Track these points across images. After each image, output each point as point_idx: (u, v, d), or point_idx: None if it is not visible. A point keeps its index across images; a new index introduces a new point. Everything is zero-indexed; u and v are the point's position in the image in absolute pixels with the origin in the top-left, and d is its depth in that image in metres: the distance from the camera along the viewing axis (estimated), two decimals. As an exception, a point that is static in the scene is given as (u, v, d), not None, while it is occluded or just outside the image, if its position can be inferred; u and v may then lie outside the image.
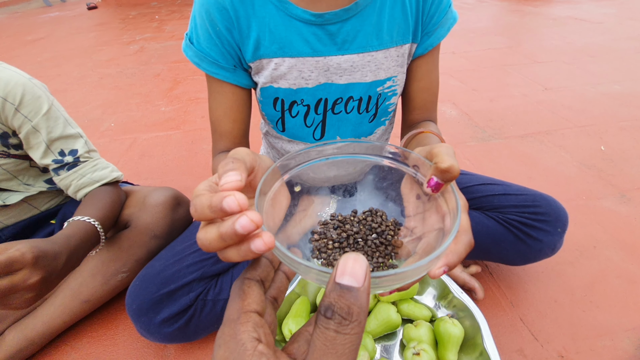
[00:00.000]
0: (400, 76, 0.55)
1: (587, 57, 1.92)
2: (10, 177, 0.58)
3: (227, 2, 0.46)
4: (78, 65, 2.26)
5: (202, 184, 0.20)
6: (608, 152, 1.11)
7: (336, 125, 0.57)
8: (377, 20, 0.49)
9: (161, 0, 4.86)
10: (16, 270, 0.40)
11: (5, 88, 0.52)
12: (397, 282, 0.21)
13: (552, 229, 0.60)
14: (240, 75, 0.52)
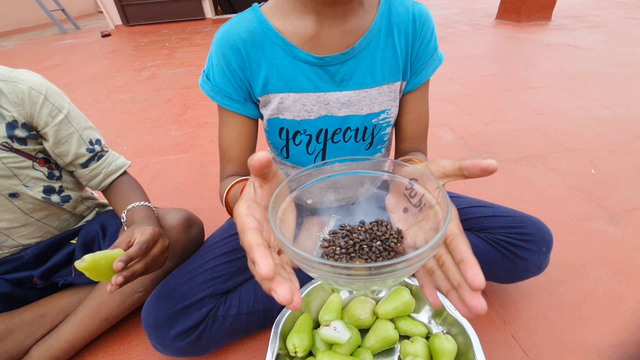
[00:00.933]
0: (393, 109, 0.62)
1: (580, 82, 2.00)
2: (11, 174, 0.60)
3: (240, 45, 0.54)
4: (93, 91, 2.38)
5: (243, 205, 0.30)
6: (598, 175, 1.16)
7: (335, 153, 0.64)
8: (370, 62, 0.56)
9: (171, 28, 5.10)
10: (157, 241, 0.55)
11: (31, 81, 0.59)
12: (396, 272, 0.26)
13: (537, 249, 0.64)
14: (249, 107, 0.60)
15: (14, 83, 0.57)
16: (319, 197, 0.43)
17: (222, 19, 5.36)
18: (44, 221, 0.67)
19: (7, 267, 0.66)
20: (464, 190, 1.12)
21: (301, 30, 0.54)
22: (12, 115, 0.57)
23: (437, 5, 5.69)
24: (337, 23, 0.53)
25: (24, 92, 0.57)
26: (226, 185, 0.57)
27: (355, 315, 0.67)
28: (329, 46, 0.54)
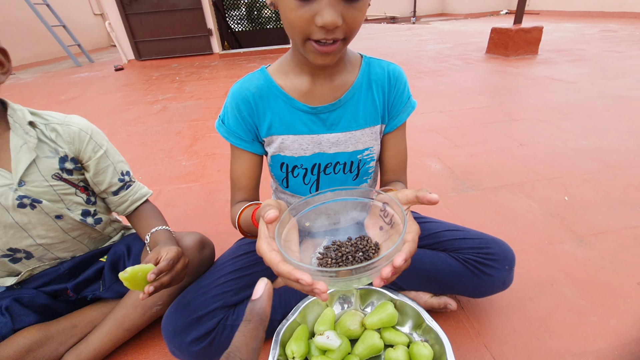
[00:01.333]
0: (375, 147, 0.75)
1: (560, 114, 2.16)
2: (58, 199, 0.73)
3: (250, 98, 0.68)
4: (108, 123, 2.56)
5: (264, 243, 0.44)
6: (571, 201, 1.28)
7: (327, 183, 0.77)
8: (354, 110, 0.71)
9: (181, 62, 5.42)
10: (180, 258, 0.67)
11: (80, 124, 0.75)
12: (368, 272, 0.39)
13: (501, 267, 0.75)
14: (256, 146, 0.73)
15: (68, 125, 0.72)
16: (314, 220, 0.56)
17: (229, 53, 5.70)
18: (78, 239, 0.80)
19: (45, 279, 0.78)
20: (447, 216, 1.24)
21: (299, 86, 0.68)
22: (65, 151, 0.72)
23: (431, 40, 6.03)
24: (327, 81, 0.68)
25: (75, 133, 0.73)
26: (237, 210, 0.69)
27: (346, 326, 0.77)
28: (320, 98, 0.69)
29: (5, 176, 0.65)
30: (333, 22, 0.49)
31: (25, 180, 0.67)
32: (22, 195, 0.67)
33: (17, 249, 0.72)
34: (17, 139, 0.66)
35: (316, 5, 0.50)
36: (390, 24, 10.83)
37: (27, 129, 0.67)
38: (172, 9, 5.15)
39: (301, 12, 0.51)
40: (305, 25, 0.52)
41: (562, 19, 8.35)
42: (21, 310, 0.73)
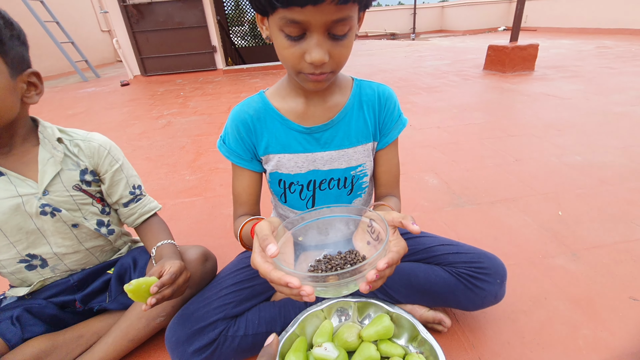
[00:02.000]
0: (368, 163, 0.80)
1: (555, 130, 2.21)
2: (77, 208, 0.78)
3: (249, 120, 0.74)
4: (114, 138, 2.59)
5: (258, 257, 0.48)
6: (564, 216, 1.31)
7: (323, 198, 0.81)
8: (346, 129, 0.75)
9: (185, 78, 5.54)
10: (182, 272, 0.71)
11: (100, 140, 0.81)
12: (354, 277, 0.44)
13: (492, 280, 0.78)
14: (255, 164, 0.78)
15: (89, 142, 0.79)
16: (308, 235, 0.60)
17: (232, 69, 5.83)
18: (91, 250, 0.84)
19: (55, 290, 0.81)
20: (443, 230, 1.27)
21: (294, 108, 0.73)
22: (85, 164, 0.78)
23: (430, 57, 6.17)
24: (320, 102, 0.73)
25: (95, 148, 0.79)
26: (239, 225, 0.74)
27: (344, 338, 0.79)
28: (314, 119, 0.74)
29: (31, 186, 0.71)
30: (320, 60, 0.55)
31: (49, 190, 0.73)
32: (44, 204, 0.73)
33: (34, 255, 0.76)
34: (45, 152, 0.73)
35: (305, 44, 0.55)
36: (390, 40, 11.07)
37: (55, 145, 0.74)
38: (178, 27, 5.31)
39: (292, 50, 0.56)
40: (297, 62, 0.57)
41: (558, 36, 8.53)
42: (31, 320, 0.76)
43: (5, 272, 0.77)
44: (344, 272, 0.44)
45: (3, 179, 0.69)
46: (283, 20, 0.53)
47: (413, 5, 12.66)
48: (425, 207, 1.44)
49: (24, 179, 0.70)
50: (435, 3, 14.97)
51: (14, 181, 0.70)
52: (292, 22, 0.52)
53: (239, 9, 8.86)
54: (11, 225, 0.71)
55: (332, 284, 0.45)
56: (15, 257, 0.75)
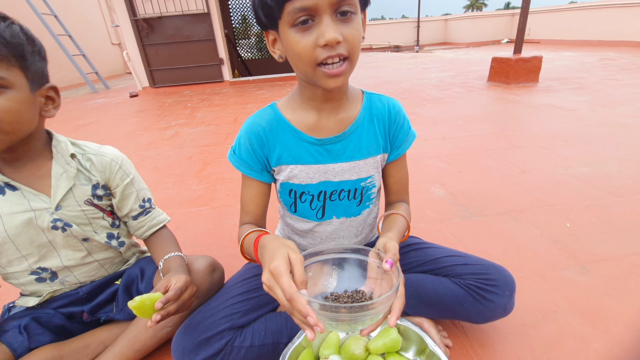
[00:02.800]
0: (377, 175, 0.81)
1: (561, 142, 2.20)
2: (88, 222, 0.79)
3: (261, 131, 0.74)
4: (123, 148, 2.63)
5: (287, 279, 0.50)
6: (573, 228, 1.30)
7: (332, 209, 0.82)
8: (357, 142, 0.76)
9: (193, 89, 5.64)
10: (187, 287, 0.71)
11: (112, 154, 0.81)
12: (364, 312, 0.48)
13: (501, 292, 0.77)
14: (265, 175, 0.79)
15: (101, 156, 0.79)
16: (317, 272, 0.66)
17: (239, 81, 5.93)
18: (100, 262, 0.84)
19: (64, 301, 0.81)
20: (450, 242, 1.26)
21: (305, 120, 0.74)
22: (97, 179, 0.79)
23: (434, 68, 6.22)
24: (332, 115, 0.74)
25: (107, 162, 0.79)
26: (242, 233, 0.75)
27: (351, 350, 0.78)
28: (326, 131, 0.74)
29: (44, 200, 0.72)
30: (335, 38, 0.55)
31: (61, 205, 0.74)
32: (56, 219, 0.73)
33: (45, 267, 0.77)
34: (59, 167, 0.73)
35: (316, 30, 0.57)
36: (395, 53, 11.20)
37: (68, 160, 0.74)
38: (187, 40, 5.44)
39: (305, 41, 0.57)
40: (311, 51, 0.58)
41: (562, 48, 8.58)
42: (38, 329, 0.76)
43: (16, 282, 0.78)
44: (358, 306, 0.47)
45: (17, 194, 0.70)
46: (292, 13, 0.55)
47: (417, 19, 12.84)
48: (432, 218, 1.43)
49: (37, 194, 0.71)
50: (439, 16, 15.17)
51: (27, 196, 0.70)
52: (301, 9, 0.54)
53: (246, 23, 9.05)
54: (23, 238, 0.72)
55: (345, 316, 0.48)
56: (27, 269, 0.76)
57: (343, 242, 0.87)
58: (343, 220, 0.84)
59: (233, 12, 8.57)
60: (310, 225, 0.84)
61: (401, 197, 0.87)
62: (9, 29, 0.59)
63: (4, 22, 0.59)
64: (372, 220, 0.90)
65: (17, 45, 0.60)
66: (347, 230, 0.86)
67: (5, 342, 0.72)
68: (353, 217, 0.84)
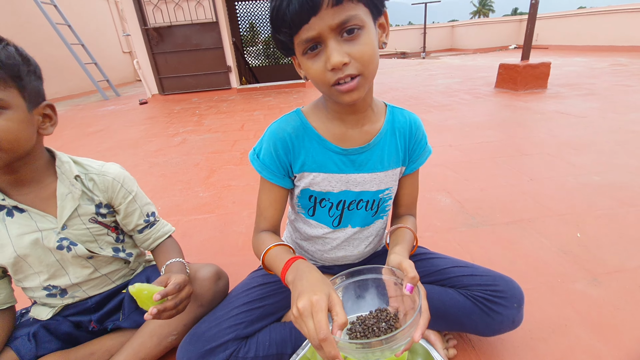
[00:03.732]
0: (394, 187, 0.82)
1: (570, 149, 2.17)
2: (92, 239, 0.80)
3: (287, 138, 0.74)
4: (131, 155, 2.70)
5: (324, 318, 0.51)
6: (583, 238, 1.27)
7: (349, 218, 0.82)
8: (380, 154, 0.77)
9: (201, 97, 5.71)
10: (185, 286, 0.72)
11: (114, 173, 0.82)
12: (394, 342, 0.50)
13: (509, 304, 0.75)
14: (286, 181, 0.79)
15: (103, 175, 0.80)
16: None
17: (246, 88, 5.99)
18: (108, 275, 0.85)
19: (73, 310, 0.83)
20: (457, 251, 1.24)
21: (331, 129, 0.75)
22: (99, 199, 0.80)
23: (441, 75, 6.22)
24: (357, 126, 0.75)
25: (109, 182, 0.80)
26: (263, 243, 0.75)
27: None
28: (351, 141, 0.75)
29: (51, 221, 0.74)
30: (339, 62, 0.56)
31: (67, 224, 0.76)
32: (62, 238, 0.75)
33: (55, 285, 0.79)
34: (63, 188, 0.74)
35: (324, 55, 0.58)
36: (401, 59, 11.23)
37: (73, 182, 0.76)
38: (195, 49, 5.53)
39: (315, 66, 0.59)
40: (323, 75, 0.60)
41: (571, 53, 8.50)
42: (46, 336, 0.77)
43: (32, 295, 0.81)
44: (390, 337, 0.49)
45: (24, 215, 0.71)
46: (301, 44, 0.58)
47: (423, 25, 12.87)
48: (438, 227, 1.42)
49: (44, 215, 0.73)
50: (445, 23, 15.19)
51: (34, 217, 0.72)
52: (307, 40, 0.57)
53: (254, 30, 9.17)
54: (33, 257, 0.74)
55: (377, 349, 0.50)
56: (39, 285, 0.78)
57: (352, 250, 0.87)
58: (357, 230, 0.84)
59: (241, 20, 8.70)
60: (324, 231, 0.84)
61: (410, 211, 0.88)
62: (5, 50, 0.60)
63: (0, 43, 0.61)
64: (382, 231, 0.90)
65: (13, 66, 0.61)
66: (358, 239, 0.86)
67: (14, 348, 0.73)
68: (366, 226, 0.85)
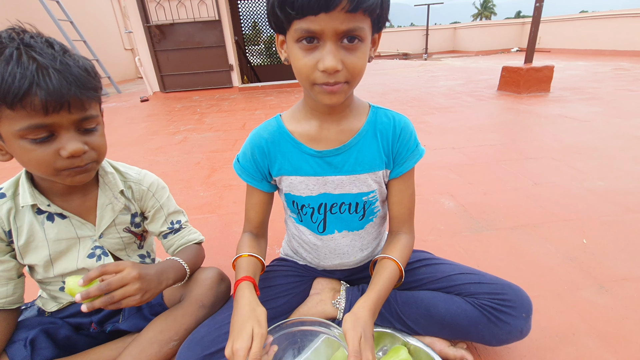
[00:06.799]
0: (379, 190, 0.79)
1: (575, 154, 2.15)
2: (122, 247, 0.82)
3: (263, 143, 0.76)
4: (132, 153, 2.68)
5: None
6: (590, 245, 1.25)
7: (334, 222, 0.81)
8: (357, 155, 0.75)
9: (202, 95, 5.70)
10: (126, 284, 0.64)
11: (149, 183, 0.82)
12: None
13: (517, 314, 0.74)
14: (265, 185, 0.80)
15: (139, 184, 0.81)
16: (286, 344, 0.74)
17: (247, 87, 5.97)
18: None
19: (73, 310, 0.81)
20: (461, 257, 1.23)
21: (307, 131, 0.74)
22: (135, 209, 0.81)
23: (443, 77, 6.20)
24: (334, 126, 0.73)
25: (144, 192, 0.81)
26: (237, 250, 0.79)
27: (359, 370, 0.76)
28: (327, 142, 0.74)
29: (89, 228, 0.75)
30: (333, 67, 0.56)
31: (103, 233, 0.77)
32: (97, 246, 0.76)
33: None
34: (104, 198, 0.75)
35: (318, 53, 0.57)
36: (403, 60, 11.21)
37: (117, 195, 0.77)
38: (197, 47, 5.51)
39: (306, 59, 0.58)
40: (310, 71, 0.59)
41: (573, 57, 8.49)
42: (44, 342, 0.74)
43: (44, 287, 0.80)
44: None
45: (65, 222, 0.72)
46: (299, 31, 0.56)
47: (425, 27, 12.86)
48: (442, 230, 1.40)
49: (84, 222, 0.74)
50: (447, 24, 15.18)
51: (74, 224, 0.73)
52: (307, 31, 0.55)
53: (256, 29, 9.16)
54: (64, 261, 0.75)
55: None
56: (59, 280, 0.78)
57: (348, 257, 0.85)
58: (345, 234, 0.82)
59: (243, 19, 8.68)
60: (314, 238, 0.84)
61: (402, 226, 0.81)
62: (93, 68, 0.62)
63: (86, 61, 0.61)
64: (379, 234, 0.88)
65: (99, 82, 0.64)
66: (351, 245, 0.84)
67: (9, 354, 0.70)
68: (356, 231, 0.83)
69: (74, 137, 0.60)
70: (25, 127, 0.55)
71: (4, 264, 0.70)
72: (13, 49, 0.53)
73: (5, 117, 0.55)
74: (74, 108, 0.58)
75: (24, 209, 0.69)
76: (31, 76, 0.53)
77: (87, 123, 0.62)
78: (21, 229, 0.69)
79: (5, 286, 0.71)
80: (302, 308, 0.88)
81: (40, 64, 0.54)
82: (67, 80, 0.56)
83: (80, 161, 0.61)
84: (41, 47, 0.56)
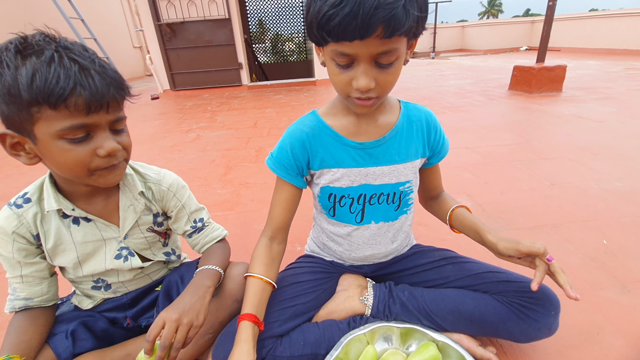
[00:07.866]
0: (414, 180, 0.83)
1: (591, 154, 2.14)
2: (147, 247, 0.83)
3: (304, 137, 0.77)
4: (147, 150, 2.72)
5: None
6: (610, 245, 1.26)
7: (371, 213, 0.83)
8: (397, 146, 0.78)
9: (212, 93, 5.73)
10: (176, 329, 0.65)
11: (169, 183, 0.83)
12: None
13: (546, 312, 0.75)
14: (298, 180, 0.81)
15: (159, 185, 0.81)
16: None
17: (256, 85, 6.00)
18: (150, 275, 0.88)
19: (109, 306, 0.84)
20: (483, 256, 1.23)
21: (346, 125, 0.77)
22: (156, 209, 0.82)
23: (452, 76, 6.17)
24: (371, 121, 0.77)
25: (164, 191, 0.82)
26: (251, 261, 0.81)
27: (389, 365, 0.77)
28: (366, 135, 0.77)
29: (114, 230, 0.76)
30: (366, 87, 0.61)
31: (128, 234, 0.78)
32: (122, 247, 0.78)
33: (103, 279, 0.81)
34: (126, 200, 0.76)
35: (353, 72, 0.61)
36: (410, 58, 11.14)
37: (137, 197, 0.78)
38: (207, 45, 5.54)
39: (341, 77, 0.63)
40: (345, 87, 0.64)
41: (584, 56, 8.39)
42: (83, 334, 0.77)
43: (77, 286, 0.83)
44: None
45: (90, 225, 0.74)
46: (334, 52, 0.60)
47: (433, 25, 12.77)
48: (461, 228, 1.41)
49: (109, 225, 0.75)
50: (455, 23, 15.07)
51: (99, 226, 0.75)
52: (342, 54, 0.59)
53: (262, 27, 9.17)
54: (91, 262, 0.77)
55: None
56: (91, 279, 0.80)
57: (380, 248, 0.88)
58: (381, 225, 0.85)
59: (250, 17, 8.70)
60: (348, 229, 0.86)
61: (441, 189, 0.96)
62: (117, 73, 0.62)
63: (108, 64, 0.61)
64: (407, 227, 0.90)
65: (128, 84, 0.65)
66: (384, 235, 0.87)
67: (52, 346, 0.73)
68: (390, 221, 0.85)
69: (109, 137, 0.62)
70: (67, 127, 0.56)
71: (35, 265, 0.72)
72: (52, 51, 0.55)
73: (45, 118, 0.55)
74: (112, 108, 0.60)
75: (49, 213, 0.70)
76: (75, 77, 0.54)
77: (118, 124, 0.64)
78: (48, 232, 0.71)
79: (40, 285, 0.74)
80: (330, 304, 0.90)
81: (81, 65, 0.56)
82: (106, 81, 0.58)
83: (116, 159, 0.64)
84: (79, 50, 0.58)
